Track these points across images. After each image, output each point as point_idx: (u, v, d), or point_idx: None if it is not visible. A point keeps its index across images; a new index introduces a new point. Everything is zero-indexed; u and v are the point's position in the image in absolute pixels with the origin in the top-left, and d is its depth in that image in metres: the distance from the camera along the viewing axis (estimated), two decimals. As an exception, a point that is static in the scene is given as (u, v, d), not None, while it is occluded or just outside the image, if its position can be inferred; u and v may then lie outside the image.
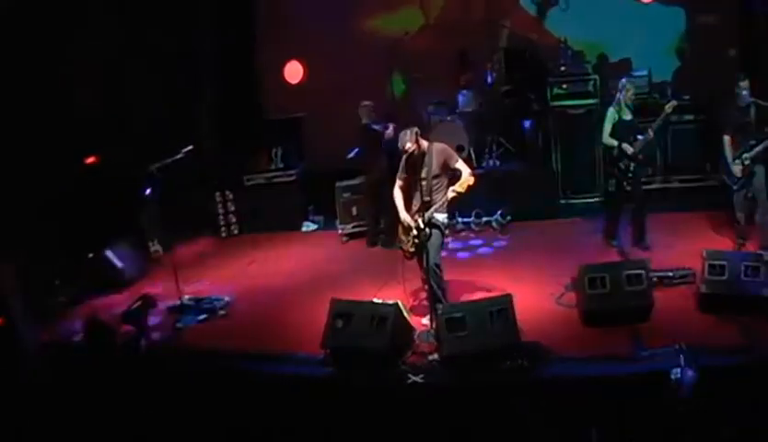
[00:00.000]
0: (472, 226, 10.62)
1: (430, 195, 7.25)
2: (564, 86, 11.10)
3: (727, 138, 8.45)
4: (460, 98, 11.25)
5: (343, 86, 11.49)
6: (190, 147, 8.86)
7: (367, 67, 11.75)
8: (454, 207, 8.35)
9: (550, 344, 6.87)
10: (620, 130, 8.77)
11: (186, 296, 8.70)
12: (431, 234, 7.23)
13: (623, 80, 8.85)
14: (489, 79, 11.48)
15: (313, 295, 8.68)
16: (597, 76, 11.11)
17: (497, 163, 11.18)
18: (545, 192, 10.92)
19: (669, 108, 8.60)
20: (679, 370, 5.78)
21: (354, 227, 10.87)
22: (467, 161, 8.13)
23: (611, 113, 8.82)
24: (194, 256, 11.00)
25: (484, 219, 10.64)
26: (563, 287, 8.13)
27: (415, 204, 7.43)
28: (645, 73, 11.20)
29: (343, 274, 9.52)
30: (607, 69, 11.55)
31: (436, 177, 7.30)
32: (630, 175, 8.82)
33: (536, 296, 8.08)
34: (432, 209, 7.24)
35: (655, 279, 7.58)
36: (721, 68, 10.94)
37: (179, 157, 8.77)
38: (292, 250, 10.83)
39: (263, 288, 9.37)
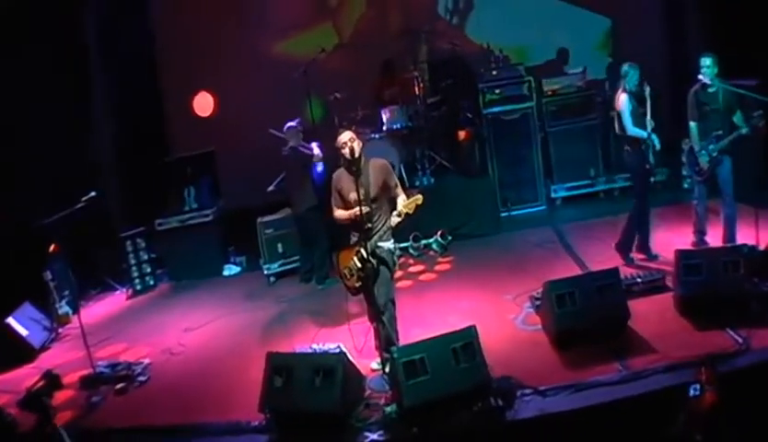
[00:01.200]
0: (411, 251, 9.54)
1: (371, 221, 6.34)
2: (497, 91, 10.61)
3: (693, 125, 7.82)
4: (386, 115, 10.47)
5: (258, 115, 10.88)
6: (92, 194, 8.10)
7: (283, 93, 11.19)
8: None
9: (523, 377, 6.05)
10: (637, 119, 7.87)
11: (100, 363, 7.82)
12: (378, 266, 6.36)
13: (626, 67, 7.91)
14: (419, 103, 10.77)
15: (244, 348, 7.90)
16: (531, 78, 10.65)
17: (431, 180, 10.41)
18: (485, 206, 10.26)
19: (647, 93, 7.81)
20: (698, 386, 5.06)
21: (281, 266, 10.06)
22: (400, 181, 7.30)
23: (628, 101, 7.84)
24: (107, 314, 10.09)
25: (423, 242, 9.63)
26: (522, 308, 7.51)
27: (354, 234, 6.54)
28: (579, 70, 10.86)
29: (274, 320, 8.70)
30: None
31: (375, 199, 6.44)
32: (655, 170, 8.11)
33: (495, 321, 7.33)
34: (376, 237, 6.37)
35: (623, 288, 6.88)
36: (653, 59, 10.70)
37: (80, 205, 8.05)
38: (215, 298, 9.88)
39: (187, 345, 8.40)
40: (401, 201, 6.37)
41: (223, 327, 8.76)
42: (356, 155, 6.35)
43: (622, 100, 7.80)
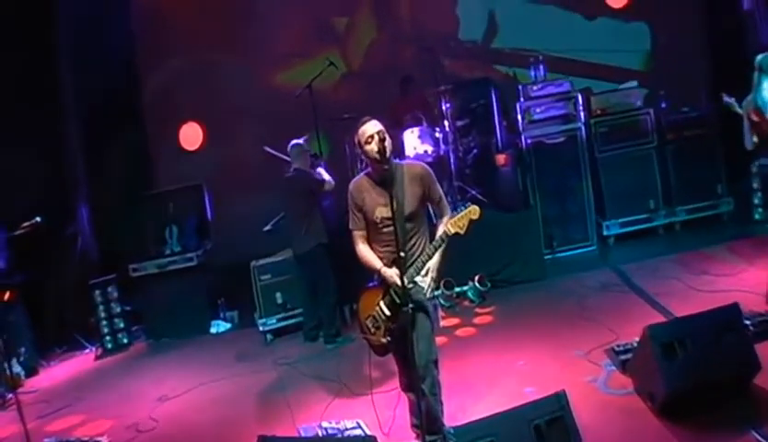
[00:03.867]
0: (441, 301, 8.23)
1: (404, 248, 4.65)
2: (539, 109, 9.28)
3: None
4: (409, 139, 9.04)
5: (253, 150, 9.86)
6: (36, 220, 7.70)
7: (284, 126, 9.82)
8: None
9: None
10: None
11: (47, 440, 6.70)
12: (414, 313, 4.61)
13: (760, 57, 6.45)
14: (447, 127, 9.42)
15: (232, 426, 6.46)
16: (578, 94, 9.34)
17: (464, 215, 8.86)
18: (529, 246, 8.75)
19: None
20: None
21: (280, 320, 8.64)
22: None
23: None
24: (70, 378, 8.90)
25: (457, 290, 8.33)
26: (601, 367, 5.89)
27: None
28: (635, 84, 9.57)
29: (272, 389, 7.23)
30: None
31: (411, 217, 4.76)
32: None
33: (568, 386, 5.38)
34: (411, 270, 4.67)
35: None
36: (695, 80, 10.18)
37: (20, 232, 7.72)
38: (199, 361, 8.61)
39: (160, 420, 6.96)
40: (445, 221, 4.71)
41: (206, 397, 7.34)
42: (387, 153, 4.65)
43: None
